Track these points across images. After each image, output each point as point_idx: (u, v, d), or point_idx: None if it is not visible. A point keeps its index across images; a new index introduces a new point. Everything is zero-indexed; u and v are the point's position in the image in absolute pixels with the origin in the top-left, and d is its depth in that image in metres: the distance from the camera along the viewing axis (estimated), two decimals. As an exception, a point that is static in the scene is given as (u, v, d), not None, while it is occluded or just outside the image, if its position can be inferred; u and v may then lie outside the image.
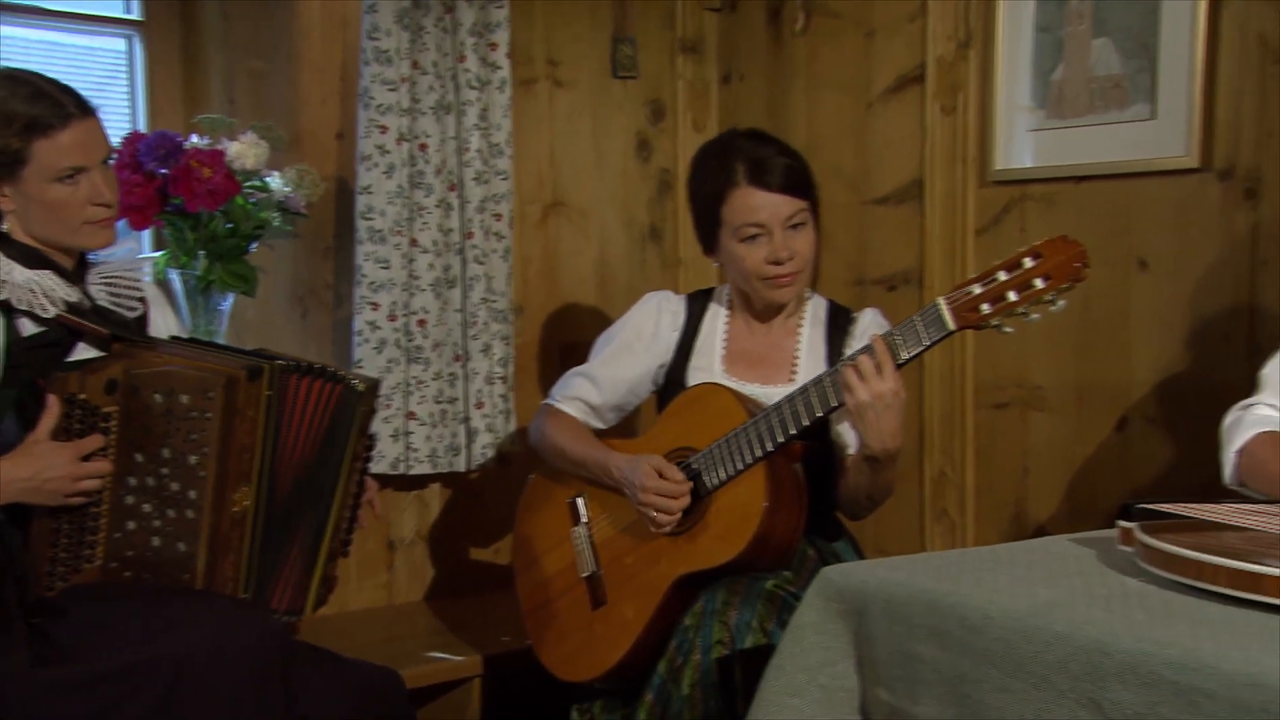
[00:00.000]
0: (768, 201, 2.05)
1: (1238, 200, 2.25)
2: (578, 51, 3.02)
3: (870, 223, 2.88)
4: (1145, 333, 2.42)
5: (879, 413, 1.85)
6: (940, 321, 1.78)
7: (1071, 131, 2.49)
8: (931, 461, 2.78)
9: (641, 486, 2.01)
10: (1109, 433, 2.48)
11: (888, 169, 2.83)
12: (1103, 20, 2.41)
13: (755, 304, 2.17)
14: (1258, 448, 1.68)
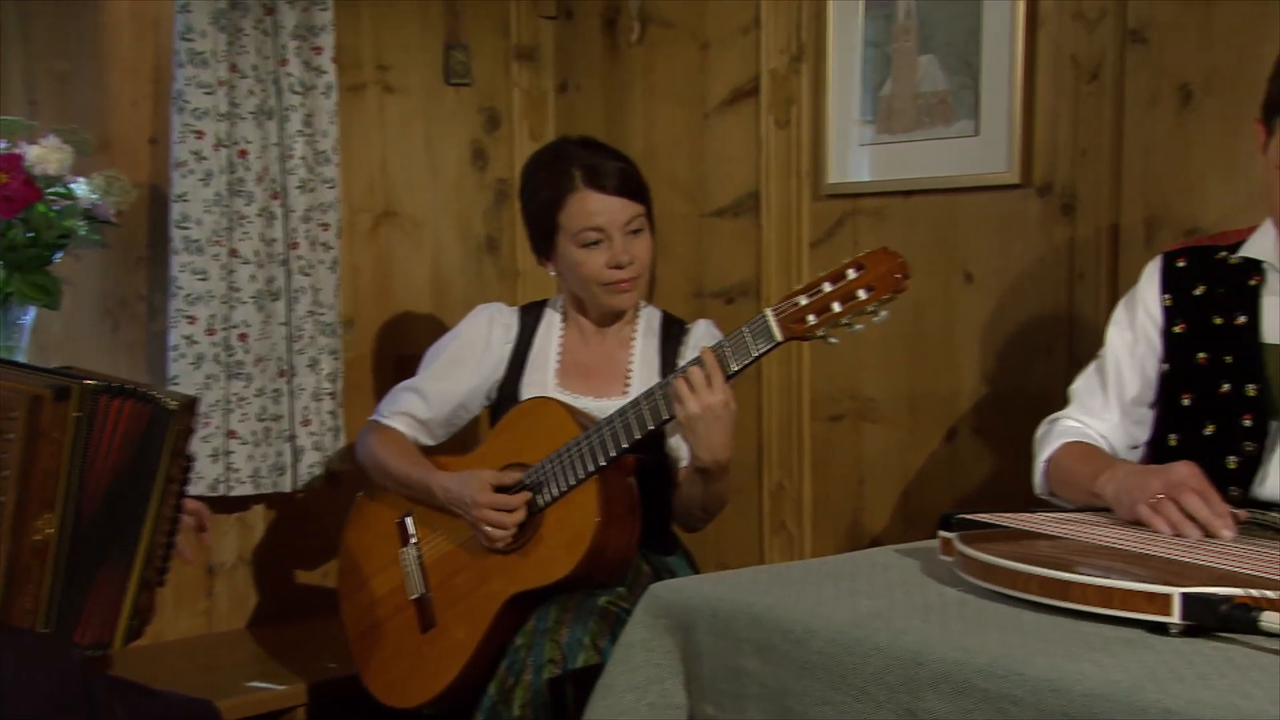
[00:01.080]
0: (606, 205, 2.06)
1: (1056, 215, 2.35)
2: (408, 57, 2.98)
3: (708, 235, 2.91)
4: (971, 344, 2.50)
5: (709, 424, 1.87)
6: (768, 332, 1.81)
7: (900, 146, 2.56)
8: (770, 474, 2.82)
9: (474, 502, 1.99)
10: (939, 443, 2.56)
11: (725, 181, 2.87)
12: (928, 37, 2.50)
13: (591, 313, 2.17)
14: (1063, 457, 1.75)
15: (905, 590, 1.39)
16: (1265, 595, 1.14)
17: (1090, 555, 1.36)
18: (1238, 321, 1.68)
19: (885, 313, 1.74)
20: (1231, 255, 1.71)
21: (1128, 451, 1.79)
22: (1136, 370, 1.78)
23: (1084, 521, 1.52)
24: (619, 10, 3.04)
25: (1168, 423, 1.75)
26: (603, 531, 1.93)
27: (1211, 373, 1.69)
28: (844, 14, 2.61)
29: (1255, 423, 1.64)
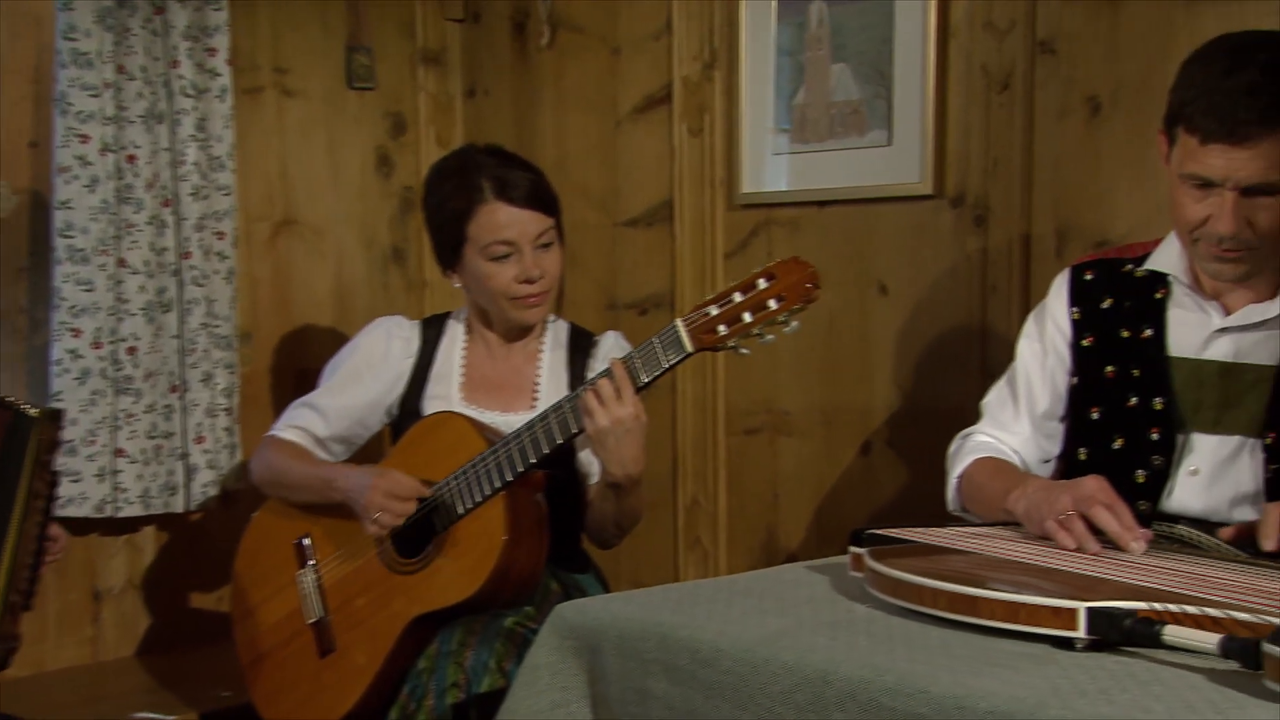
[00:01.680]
0: (517, 218, 2.05)
1: (968, 227, 2.39)
2: (309, 60, 2.94)
3: (621, 245, 2.90)
4: (885, 356, 2.53)
5: (619, 438, 1.86)
6: (679, 343, 1.82)
7: (814, 156, 2.59)
8: (685, 489, 2.82)
9: (371, 486, 1.95)
10: (854, 457, 2.58)
11: (637, 190, 2.87)
12: (840, 46, 2.53)
13: (497, 326, 2.15)
14: (975, 474, 1.78)
15: (814, 607, 1.39)
16: (1168, 609, 1.16)
17: (999, 570, 1.37)
18: (1144, 335, 1.71)
19: (796, 323, 1.75)
20: (1138, 268, 1.75)
21: (1039, 465, 1.82)
22: (1047, 384, 1.81)
23: (995, 536, 1.54)
24: (528, 14, 3.03)
25: (1077, 436, 1.78)
26: (510, 550, 1.91)
27: (1119, 386, 1.72)
28: (756, 21, 2.63)
29: (1162, 436, 1.67)
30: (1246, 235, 1.56)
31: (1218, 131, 1.52)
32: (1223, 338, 1.66)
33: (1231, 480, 1.64)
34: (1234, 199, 1.54)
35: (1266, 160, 1.50)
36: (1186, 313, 1.70)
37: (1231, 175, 1.53)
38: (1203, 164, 1.54)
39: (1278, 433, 1.61)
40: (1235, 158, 1.52)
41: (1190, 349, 1.68)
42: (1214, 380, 1.65)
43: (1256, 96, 1.49)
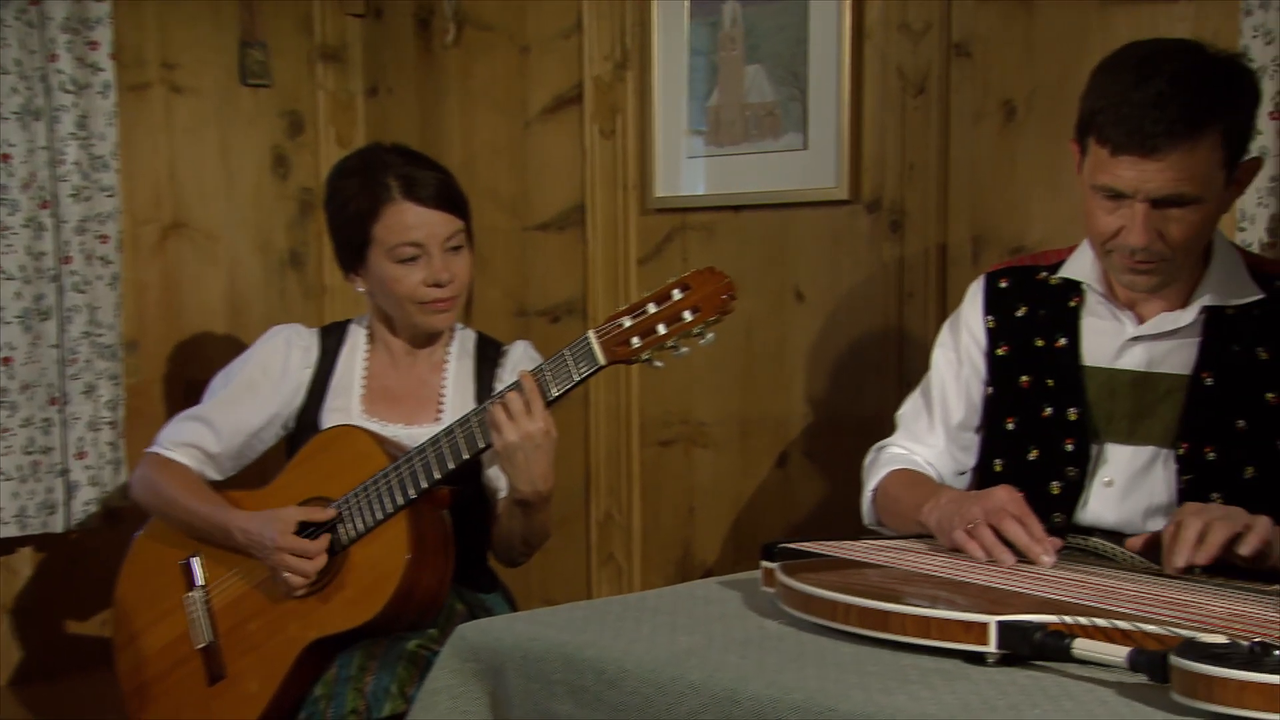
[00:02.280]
0: (426, 219, 2.03)
1: (885, 232, 2.42)
2: (199, 55, 2.89)
3: (531, 250, 2.89)
4: (802, 365, 2.55)
5: (528, 454, 1.85)
6: (590, 356, 1.81)
7: (729, 159, 2.60)
8: (598, 503, 2.81)
9: (274, 545, 1.92)
10: (771, 468, 2.59)
11: (548, 193, 2.86)
12: (754, 47, 2.55)
13: (402, 333, 2.13)
14: (890, 486, 1.80)
15: (725, 624, 1.40)
16: (1078, 622, 1.18)
17: (912, 584, 1.39)
18: (1058, 344, 1.74)
19: (711, 335, 1.76)
20: (1052, 275, 1.78)
21: (955, 477, 1.84)
22: (962, 394, 1.83)
23: (908, 549, 1.56)
24: (433, 10, 3.01)
25: (993, 447, 1.81)
26: (413, 570, 1.89)
27: (1034, 396, 1.75)
28: (669, 20, 2.64)
29: (1077, 447, 1.70)
30: (1158, 247, 1.59)
31: (1127, 143, 1.54)
32: (1136, 346, 1.70)
33: (1146, 491, 1.67)
34: (1145, 211, 1.56)
35: (1176, 171, 1.53)
36: (1100, 321, 1.73)
37: (1142, 187, 1.55)
38: (1113, 175, 1.57)
39: (1191, 443, 1.65)
40: (1145, 169, 1.54)
41: (1104, 358, 1.71)
42: (1127, 390, 1.69)
43: (1165, 108, 1.52)
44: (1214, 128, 1.53)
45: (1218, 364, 1.65)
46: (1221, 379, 1.64)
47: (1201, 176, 1.55)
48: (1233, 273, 1.68)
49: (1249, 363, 1.64)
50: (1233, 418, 1.64)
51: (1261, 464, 1.63)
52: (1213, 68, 1.57)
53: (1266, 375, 1.63)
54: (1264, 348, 1.64)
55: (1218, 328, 1.66)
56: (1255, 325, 1.65)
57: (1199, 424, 1.64)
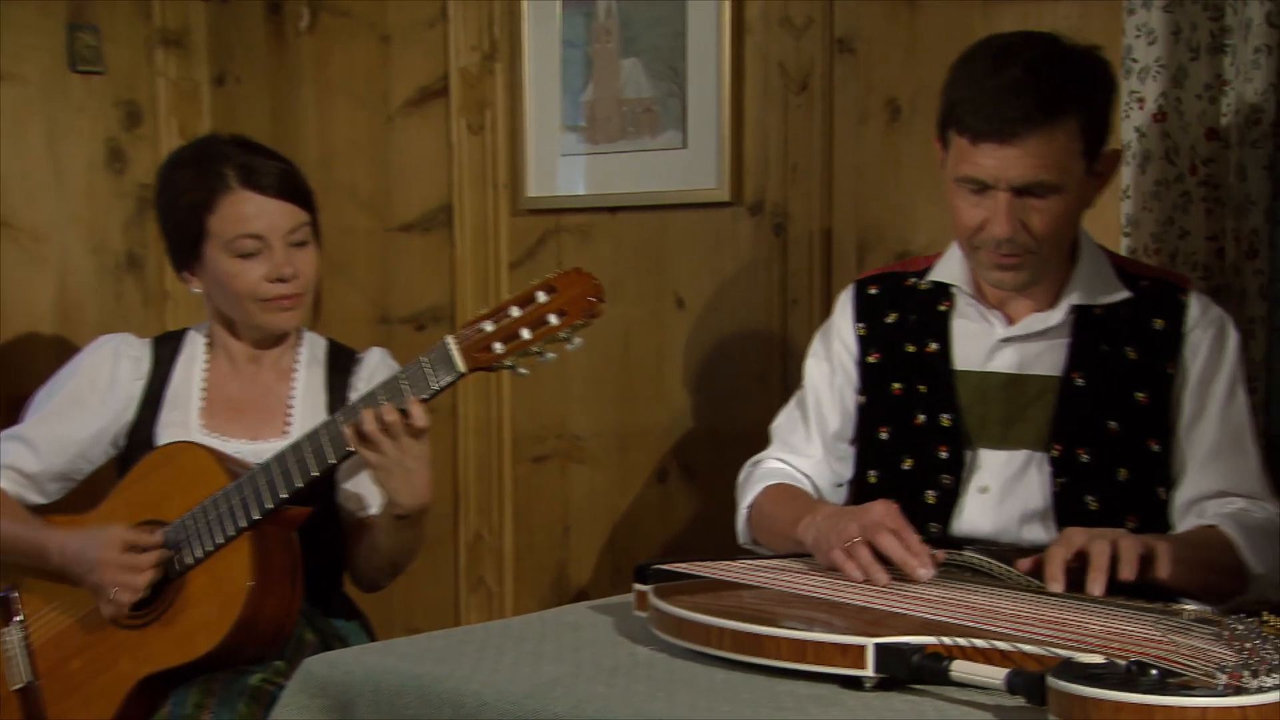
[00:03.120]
0: (266, 209, 1.99)
1: (767, 236, 2.45)
2: (22, 38, 2.82)
3: (394, 253, 2.87)
4: (683, 375, 2.56)
5: (409, 466, 1.83)
6: (450, 363, 1.79)
7: (605, 158, 2.61)
8: (467, 524, 2.80)
9: (98, 561, 1.86)
10: (650, 484, 2.60)
11: (412, 192, 2.84)
12: (631, 39, 2.56)
13: (244, 337, 2.08)
14: (765, 503, 1.83)
15: (594, 652, 1.40)
16: (957, 643, 1.20)
17: (788, 606, 1.40)
18: (929, 349, 1.80)
19: (579, 340, 1.76)
20: (921, 281, 1.84)
21: (833, 490, 1.88)
22: (836, 403, 1.87)
23: (786, 569, 1.58)
24: (285, -6, 2.97)
25: (867, 458, 1.85)
26: (256, 597, 1.85)
27: (907, 403, 1.80)
28: (540, 10, 2.64)
29: (951, 454, 1.76)
30: (1023, 238, 1.66)
31: (986, 131, 1.62)
32: (1006, 348, 1.76)
33: (1020, 497, 1.73)
34: (1008, 200, 1.64)
35: (1036, 159, 1.61)
36: (971, 324, 1.79)
37: (1003, 175, 1.63)
38: (974, 165, 1.64)
39: (1064, 445, 1.71)
40: (1005, 157, 1.61)
41: (975, 361, 1.77)
42: (999, 393, 1.75)
43: (1022, 95, 1.60)
44: (1071, 115, 1.61)
45: (1088, 364, 1.72)
46: (1092, 379, 1.71)
47: (1061, 164, 1.62)
48: (1100, 273, 1.75)
49: (1118, 362, 1.71)
50: (1104, 418, 1.70)
51: (1134, 465, 1.70)
52: (1069, 57, 1.66)
53: (1136, 375, 1.71)
54: (1133, 347, 1.72)
55: (1086, 327, 1.73)
56: (1123, 325, 1.73)
57: (1071, 426, 1.71)
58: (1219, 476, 1.68)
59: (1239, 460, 1.70)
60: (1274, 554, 1.63)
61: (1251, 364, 1.89)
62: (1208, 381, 1.71)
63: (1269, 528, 1.65)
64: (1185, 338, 1.71)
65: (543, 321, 1.75)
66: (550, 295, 1.75)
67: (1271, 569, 1.62)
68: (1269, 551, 1.62)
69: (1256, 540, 1.61)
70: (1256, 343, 1.88)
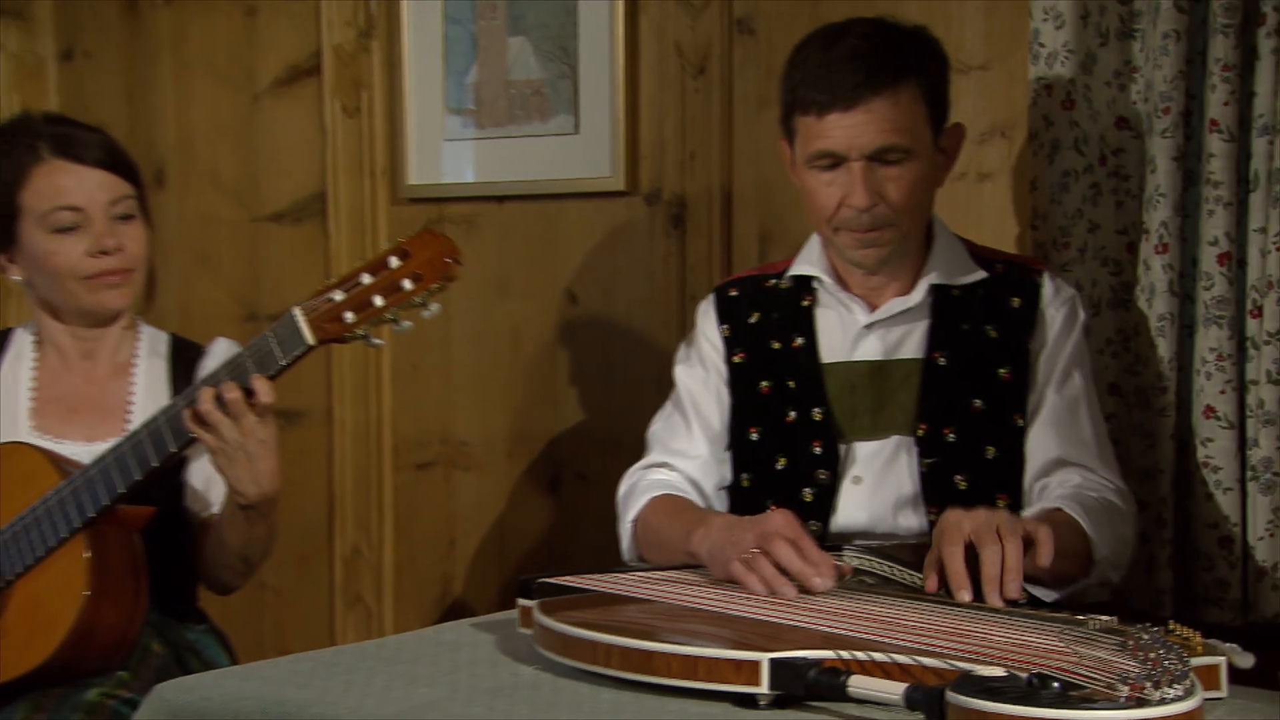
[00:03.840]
0: (84, 180, 1.97)
1: (665, 228, 2.46)
2: None
3: (263, 244, 2.83)
4: (576, 376, 2.57)
5: (253, 451, 1.81)
6: (297, 335, 1.78)
7: (491, 143, 2.60)
8: (343, 537, 2.78)
9: None
10: (542, 493, 2.60)
11: (282, 179, 2.81)
12: (518, 17, 2.55)
13: (72, 323, 2.04)
14: (651, 516, 1.85)
15: (473, 673, 1.40)
16: (855, 657, 1.22)
17: (680, 620, 1.42)
18: (795, 344, 1.88)
19: (436, 305, 1.76)
20: (781, 281, 1.92)
21: (718, 494, 1.92)
22: (714, 401, 1.93)
23: (679, 581, 1.59)
24: (140, -39, 2.92)
25: (740, 460, 1.90)
26: (93, 605, 1.82)
27: (776, 401, 1.87)
28: (421, -17, 2.63)
29: (825, 449, 1.82)
30: (881, 209, 1.76)
31: (830, 100, 1.73)
32: (870, 335, 1.85)
33: (893, 484, 1.81)
34: (862, 168, 1.74)
35: (883, 123, 1.72)
36: (834, 314, 1.87)
37: (854, 143, 1.73)
38: (824, 137, 1.74)
39: (929, 426, 1.79)
40: (853, 123, 1.72)
41: (841, 352, 1.86)
42: (866, 382, 1.83)
43: (859, 61, 1.72)
44: (911, 79, 1.74)
45: (949, 343, 1.82)
46: (954, 358, 1.81)
47: (909, 128, 1.74)
48: (955, 255, 1.86)
49: (979, 341, 1.81)
50: (968, 397, 1.80)
51: (1001, 442, 1.79)
52: (900, 30, 1.79)
53: (997, 352, 1.81)
54: (992, 325, 1.82)
55: (946, 307, 1.83)
56: (981, 304, 1.83)
57: (936, 406, 1.80)
58: (1054, 443, 1.79)
59: (1073, 429, 1.80)
60: (1113, 535, 1.71)
61: (1161, 363, 1.95)
62: (1053, 355, 1.82)
63: (1106, 506, 1.73)
64: (1042, 314, 1.82)
65: (396, 287, 1.75)
66: (403, 259, 1.75)
67: (1112, 550, 1.70)
68: (1109, 533, 1.70)
69: (1098, 521, 1.68)
70: (1165, 341, 1.94)
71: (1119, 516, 1.74)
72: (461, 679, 1.37)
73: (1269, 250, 1.87)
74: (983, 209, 2.18)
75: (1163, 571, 1.95)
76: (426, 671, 1.40)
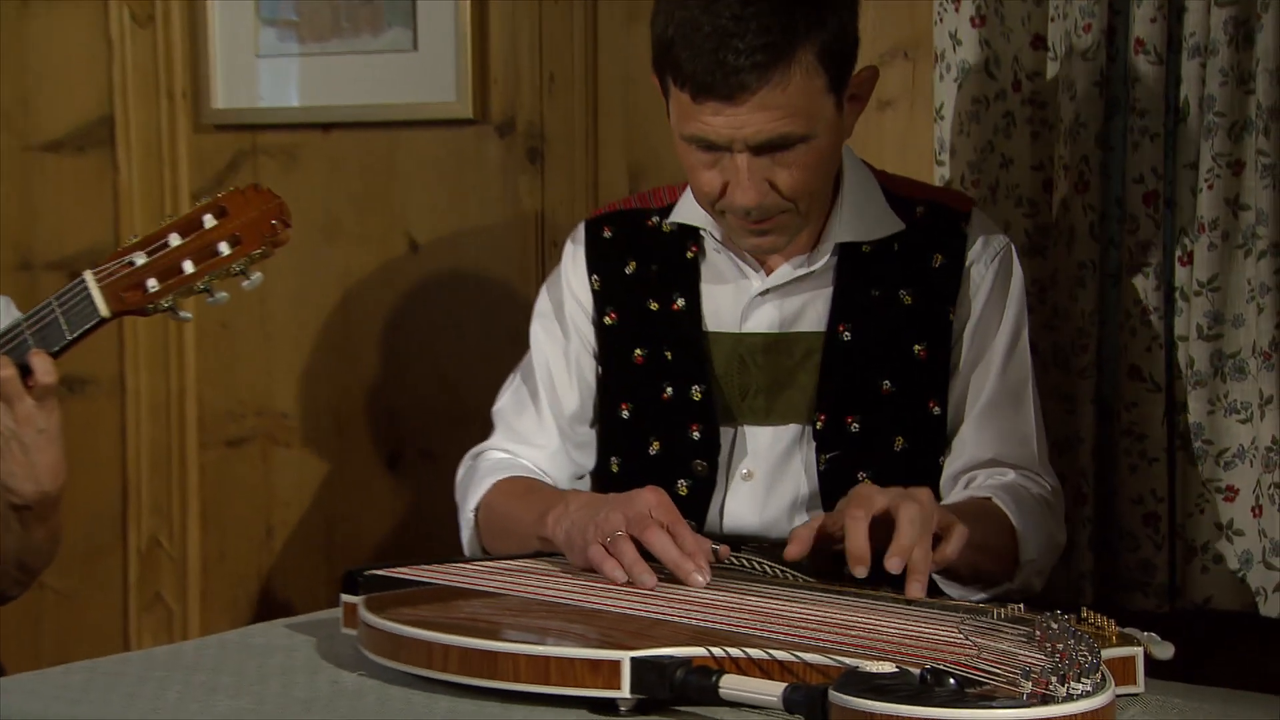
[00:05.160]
0: None
1: (521, 163, 2.46)
2: None
3: (38, 178, 2.80)
4: (418, 335, 2.56)
5: (30, 444, 1.78)
6: (88, 304, 1.76)
7: (314, 61, 2.58)
8: (139, 527, 2.76)
9: None
10: (379, 473, 2.60)
11: (60, 101, 2.77)
12: (346, -90, 2.53)
13: None
14: (497, 500, 1.83)
15: (286, 681, 1.39)
16: (728, 654, 1.24)
17: (531, 615, 1.43)
18: (676, 306, 1.83)
19: (258, 274, 1.75)
20: (665, 220, 1.86)
21: (574, 486, 1.90)
22: (573, 376, 1.89)
23: (531, 571, 1.60)
24: None
25: (608, 442, 1.89)
26: None
27: (651, 374, 1.84)
28: None
29: (704, 435, 1.80)
30: (773, 200, 1.68)
31: (708, 86, 1.60)
32: (765, 304, 1.81)
33: (790, 482, 1.80)
34: (748, 162, 1.64)
35: (772, 111, 1.61)
36: (722, 275, 1.83)
37: (737, 135, 1.62)
38: (700, 124, 1.64)
39: (829, 414, 1.77)
40: (735, 115, 1.61)
41: (730, 320, 1.81)
42: (760, 358, 1.80)
43: (743, 35, 1.58)
44: (806, 48, 1.61)
45: (856, 314, 1.78)
46: (861, 332, 1.77)
47: (804, 110, 1.63)
48: (868, 202, 1.80)
49: (892, 310, 1.78)
50: (876, 378, 1.77)
51: (912, 432, 1.78)
52: None
53: (913, 324, 1.78)
54: (908, 290, 1.78)
55: (854, 270, 1.78)
56: (897, 264, 1.79)
57: (837, 389, 1.77)
58: (991, 441, 1.78)
59: (1015, 424, 1.79)
60: (1044, 537, 1.74)
61: (1081, 317, 1.99)
62: (988, 326, 1.79)
63: (1042, 507, 1.76)
64: (967, 273, 1.79)
65: (211, 251, 1.74)
66: (220, 219, 1.74)
67: (1041, 553, 1.74)
68: (1041, 534, 1.73)
69: (1030, 520, 1.71)
70: (1086, 292, 1.98)
71: (1052, 518, 1.77)
72: (271, 689, 1.36)
73: (1200, 189, 1.92)
74: (883, 140, 2.20)
75: (1082, 553, 2.00)
76: (230, 681, 1.39)
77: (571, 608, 1.43)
